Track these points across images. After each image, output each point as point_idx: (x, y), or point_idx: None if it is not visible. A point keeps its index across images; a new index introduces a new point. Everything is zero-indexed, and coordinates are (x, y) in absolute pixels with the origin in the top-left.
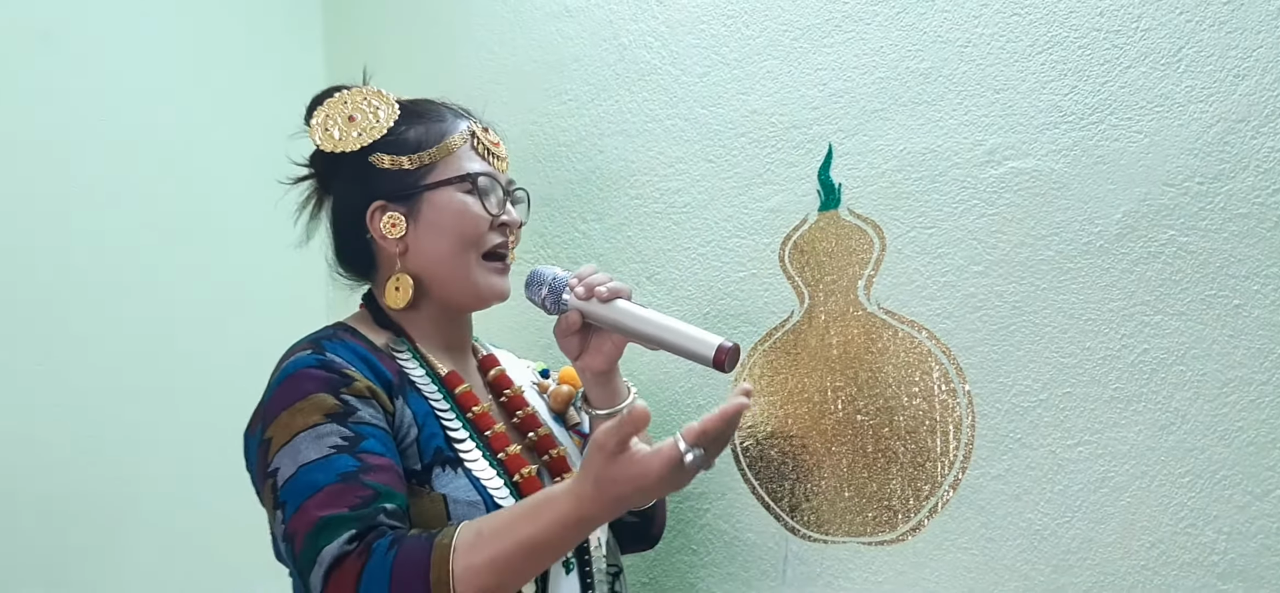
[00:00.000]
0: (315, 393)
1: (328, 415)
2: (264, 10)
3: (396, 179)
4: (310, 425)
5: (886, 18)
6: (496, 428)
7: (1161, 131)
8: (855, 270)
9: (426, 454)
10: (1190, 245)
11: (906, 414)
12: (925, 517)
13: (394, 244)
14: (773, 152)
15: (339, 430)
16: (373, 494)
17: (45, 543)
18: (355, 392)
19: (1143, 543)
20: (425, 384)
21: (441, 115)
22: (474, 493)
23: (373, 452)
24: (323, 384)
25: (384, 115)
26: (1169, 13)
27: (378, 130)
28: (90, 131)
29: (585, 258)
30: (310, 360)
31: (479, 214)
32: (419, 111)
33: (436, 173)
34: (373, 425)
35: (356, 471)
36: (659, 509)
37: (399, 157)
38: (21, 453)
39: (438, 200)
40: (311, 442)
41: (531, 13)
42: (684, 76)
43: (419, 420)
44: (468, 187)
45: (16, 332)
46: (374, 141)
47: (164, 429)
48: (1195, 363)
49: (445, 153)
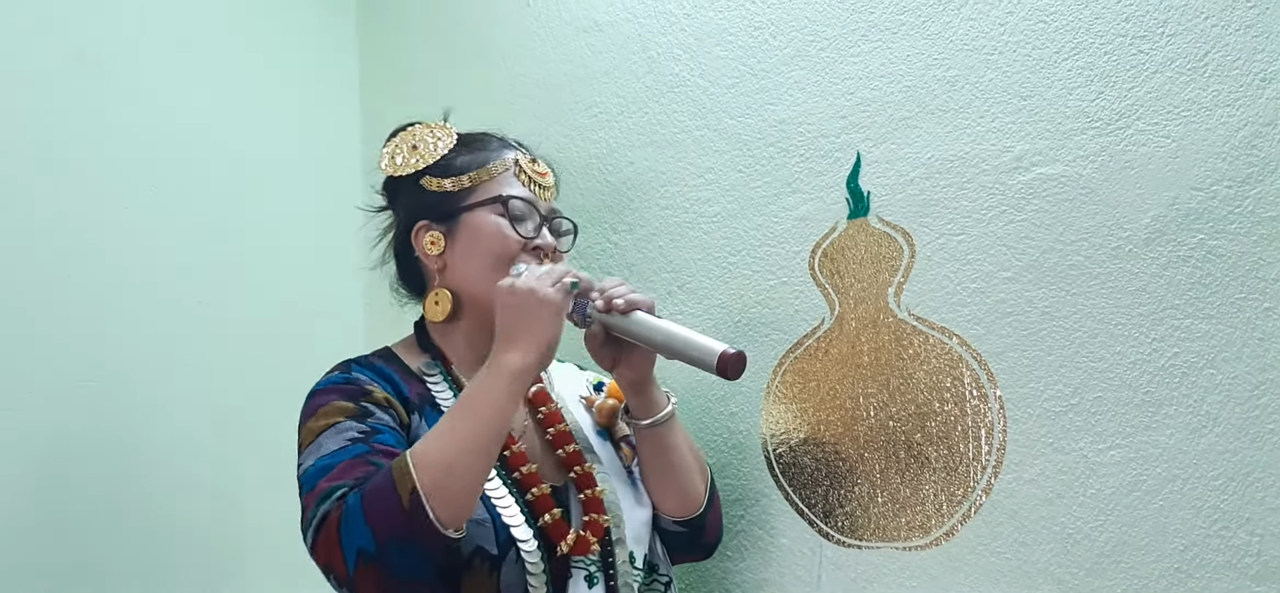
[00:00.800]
0: (337, 402)
1: (347, 416)
2: (299, 29)
3: (440, 200)
4: (331, 425)
5: (912, 26)
6: (517, 447)
7: (1189, 136)
8: (885, 277)
9: None
10: (1219, 249)
11: (938, 420)
12: (958, 522)
13: (434, 260)
14: (801, 160)
15: (356, 426)
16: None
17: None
18: (374, 401)
19: (1176, 546)
20: (448, 404)
21: (490, 144)
22: (483, 512)
23: (386, 444)
24: (343, 394)
25: (441, 145)
26: (1195, 18)
27: (431, 157)
28: (129, 152)
29: (617, 268)
30: (335, 379)
31: (510, 235)
32: (471, 141)
33: (475, 195)
34: (389, 426)
35: (366, 453)
36: (709, 516)
37: (444, 179)
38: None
39: (473, 221)
40: (332, 436)
41: (562, 27)
42: (713, 88)
43: None
44: (500, 209)
45: (61, 346)
46: (426, 167)
47: (207, 441)
48: (1226, 366)
49: (486, 177)
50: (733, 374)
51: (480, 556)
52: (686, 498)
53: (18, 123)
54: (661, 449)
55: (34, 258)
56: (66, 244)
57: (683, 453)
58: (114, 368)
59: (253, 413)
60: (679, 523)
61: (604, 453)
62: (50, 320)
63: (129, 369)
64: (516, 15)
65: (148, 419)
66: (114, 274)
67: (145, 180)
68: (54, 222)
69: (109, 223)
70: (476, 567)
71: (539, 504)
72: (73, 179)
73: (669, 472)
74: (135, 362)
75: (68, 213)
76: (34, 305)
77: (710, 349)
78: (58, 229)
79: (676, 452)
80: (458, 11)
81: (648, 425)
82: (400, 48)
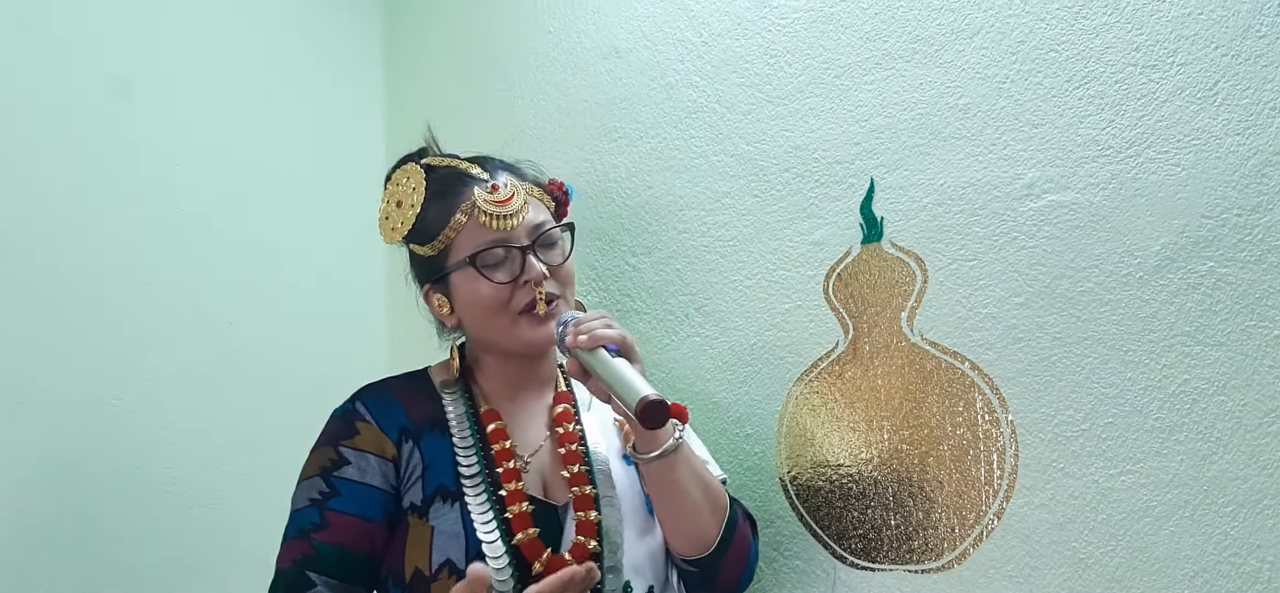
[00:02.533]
0: (323, 445)
1: (320, 469)
2: (327, 55)
3: (429, 265)
4: (308, 477)
5: (926, 55)
6: (510, 465)
7: (1199, 164)
8: (898, 302)
9: (428, 489)
10: (1229, 276)
11: (951, 444)
12: (970, 545)
13: (449, 319)
14: (816, 186)
15: (319, 485)
16: (314, 554)
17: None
18: (355, 445)
19: (1186, 572)
20: (459, 423)
21: (452, 189)
22: (458, 525)
23: (336, 509)
24: (331, 437)
25: (416, 197)
26: (1205, 47)
27: (409, 221)
28: (157, 170)
29: (634, 292)
30: (338, 412)
31: (492, 290)
32: (436, 188)
33: (451, 256)
34: (354, 482)
35: (311, 529)
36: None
37: (424, 245)
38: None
39: (458, 282)
40: (303, 491)
41: (583, 54)
42: (729, 114)
43: (427, 459)
44: (471, 270)
45: (91, 363)
46: (408, 232)
47: (232, 456)
48: (1236, 393)
49: (452, 235)
50: (650, 422)
51: (449, 568)
52: (694, 538)
53: (51, 142)
54: (665, 485)
55: (66, 275)
56: (97, 261)
57: (688, 490)
58: (143, 386)
59: (278, 431)
60: (688, 562)
61: (625, 477)
62: (82, 337)
63: (158, 387)
64: (538, 40)
65: (176, 437)
66: (144, 292)
67: (172, 197)
68: (85, 238)
69: (138, 240)
70: (444, 579)
71: (516, 522)
72: (102, 197)
73: (673, 509)
74: (164, 380)
75: (99, 230)
76: (65, 322)
77: (635, 392)
78: (89, 246)
79: (680, 488)
80: (480, 34)
81: (649, 459)
82: (424, 69)
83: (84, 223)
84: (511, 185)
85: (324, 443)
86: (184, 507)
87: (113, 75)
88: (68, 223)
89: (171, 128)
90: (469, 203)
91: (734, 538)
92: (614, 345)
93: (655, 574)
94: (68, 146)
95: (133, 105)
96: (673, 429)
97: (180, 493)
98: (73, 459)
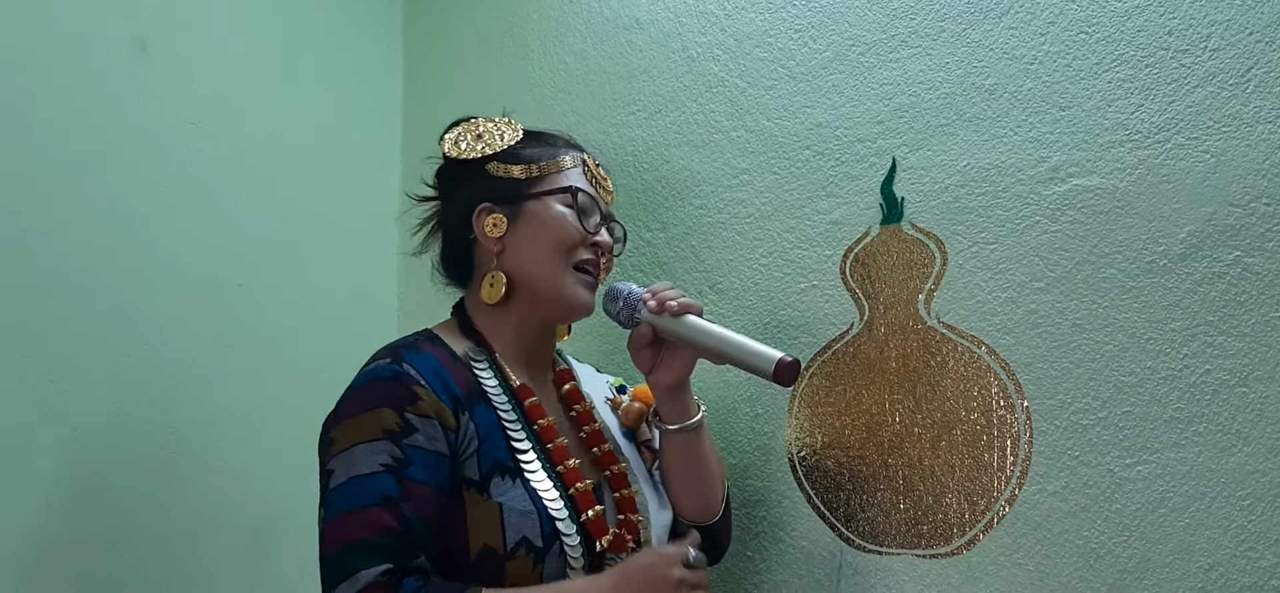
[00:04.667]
0: (380, 407)
1: (386, 432)
2: (346, 25)
3: (505, 186)
4: (368, 438)
5: (953, 34)
6: (560, 441)
7: (1228, 151)
8: (916, 284)
9: (485, 464)
10: (1256, 266)
11: (964, 428)
12: (981, 531)
13: (494, 243)
14: (837, 164)
15: (391, 450)
16: (406, 526)
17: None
18: (419, 411)
19: (1200, 565)
20: (496, 395)
21: (558, 142)
22: (528, 503)
23: (417, 480)
24: (389, 399)
25: (508, 136)
26: (1238, 33)
27: (498, 146)
28: (174, 136)
29: (649, 266)
30: (385, 371)
31: (574, 226)
32: (540, 136)
33: (542, 184)
34: (425, 450)
35: (397, 497)
36: (725, 524)
37: (511, 166)
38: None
39: (538, 208)
40: (366, 455)
41: (603, 24)
42: (751, 89)
43: (482, 433)
44: (568, 199)
45: (102, 325)
46: (494, 153)
47: (242, 422)
48: (1258, 385)
49: (555, 169)
50: (788, 381)
51: (525, 546)
52: (707, 504)
53: (68, 99)
54: (689, 455)
55: (79, 238)
56: (112, 225)
57: (708, 459)
58: (153, 347)
59: (288, 396)
60: (696, 527)
61: (630, 455)
62: (93, 299)
63: (168, 348)
64: (558, 9)
65: (185, 399)
66: (156, 255)
67: (189, 163)
68: (100, 203)
69: (152, 204)
70: (521, 557)
71: (582, 500)
72: (118, 161)
73: (694, 477)
74: (174, 341)
75: (113, 194)
76: (78, 284)
77: (767, 356)
78: (103, 210)
79: (702, 458)
80: (500, 2)
81: (677, 430)
82: (443, 36)
83: (96, 179)
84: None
85: (378, 404)
86: (186, 466)
87: (130, 33)
88: (80, 178)
89: (188, 88)
90: (578, 157)
91: (730, 502)
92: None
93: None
94: (84, 103)
95: (150, 64)
96: (699, 404)
97: (183, 452)
98: (78, 417)
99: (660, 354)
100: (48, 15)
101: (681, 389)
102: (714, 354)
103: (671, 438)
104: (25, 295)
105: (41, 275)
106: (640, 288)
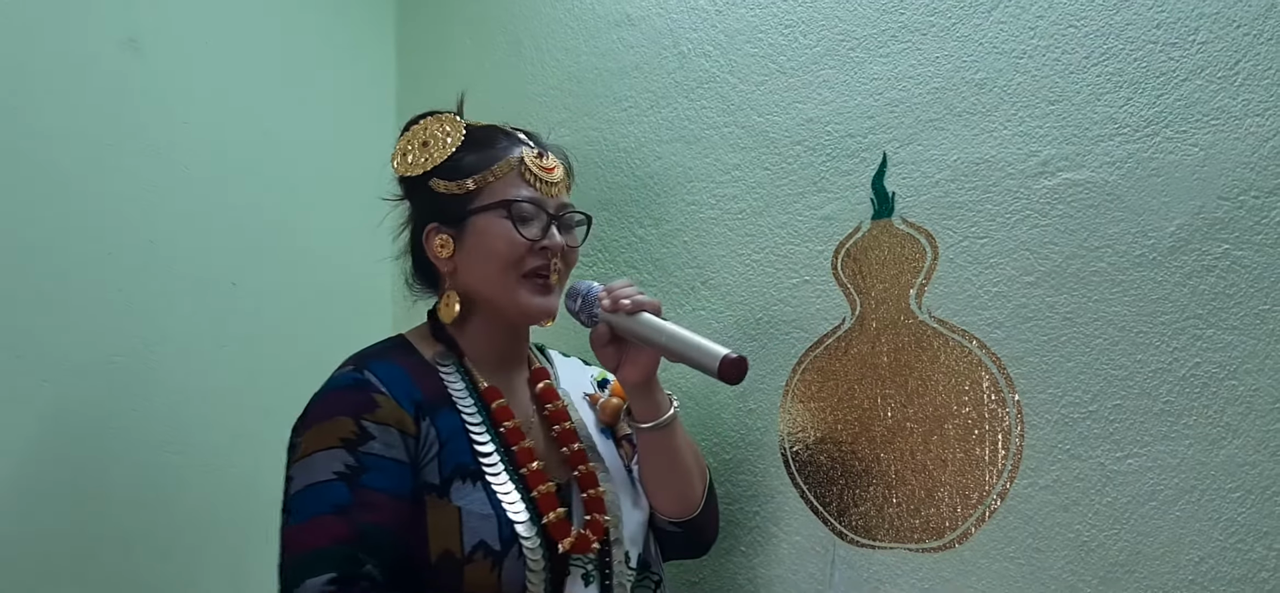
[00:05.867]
0: (339, 415)
1: (342, 440)
2: (339, 21)
3: (448, 203)
4: (325, 446)
5: (942, 28)
6: (525, 443)
7: (1217, 145)
8: (907, 279)
9: (446, 468)
10: (1244, 260)
11: (955, 423)
12: (973, 525)
13: (445, 263)
14: (827, 160)
15: (345, 458)
16: (358, 535)
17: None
18: (377, 418)
19: (1191, 558)
20: (462, 398)
21: (496, 142)
22: (487, 506)
23: (371, 487)
24: (348, 407)
25: (450, 142)
26: (1226, 26)
27: (440, 155)
28: (165, 133)
29: (641, 263)
30: (346, 380)
31: (514, 239)
32: (479, 138)
33: (481, 199)
34: (382, 457)
35: (348, 505)
36: (707, 519)
37: (451, 182)
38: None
39: (479, 225)
40: (322, 463)
41: (595, 21)
42: (742, 85)
43: (444, 437)
44: (505, 213)
45: (95, 323)
46: (434, 168)
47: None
48: (1248, 378)
49: (491, 180)
50: (733, 379)
51: (483, 550)
52: (684, 500)
53: (59, 97)
54: (662, 451)
55: (71, 237)
56: (104, 224)
57: (683, 455)
58: (146, 347)
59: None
60: (675, 524)
61: (606, 451)
62: (87, 299)
63: (161, 349)
64: (550, 6)
65: (179, 398)
66: (148, 254)
67: (180, 155)
68: (91, 202)
69: (143, 204)
70: (479, 561)
71: (543, 502)
72: (110, 160)
73: (668, 474)
74: (167, 342)
75: (105, 194)
76: (70, 284)
77: (712, 352)
78: (95, 209)
79: (677, 454)
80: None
81: (649, 428)
82: (436, 33)
83: (90, 178)
84: (555, 160)
85: (337, 412)
86: (182, 467)
87: (122, 31)
88: (73, 178)
89: (180, 86)
90: (515, 157)
91: (712, 498)
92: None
93: (642, 543)
94: (75, 102)
95: (141, 62)
96: (670, 399)
97: (179, 453)
98: (72, 417)
99: (625, 352)
100: (38, 13)
101: (649, 386)
102: (666, 352)
103: (645, 435)
104: (17, 295)
105: (34, 276)
106: (599, 286)
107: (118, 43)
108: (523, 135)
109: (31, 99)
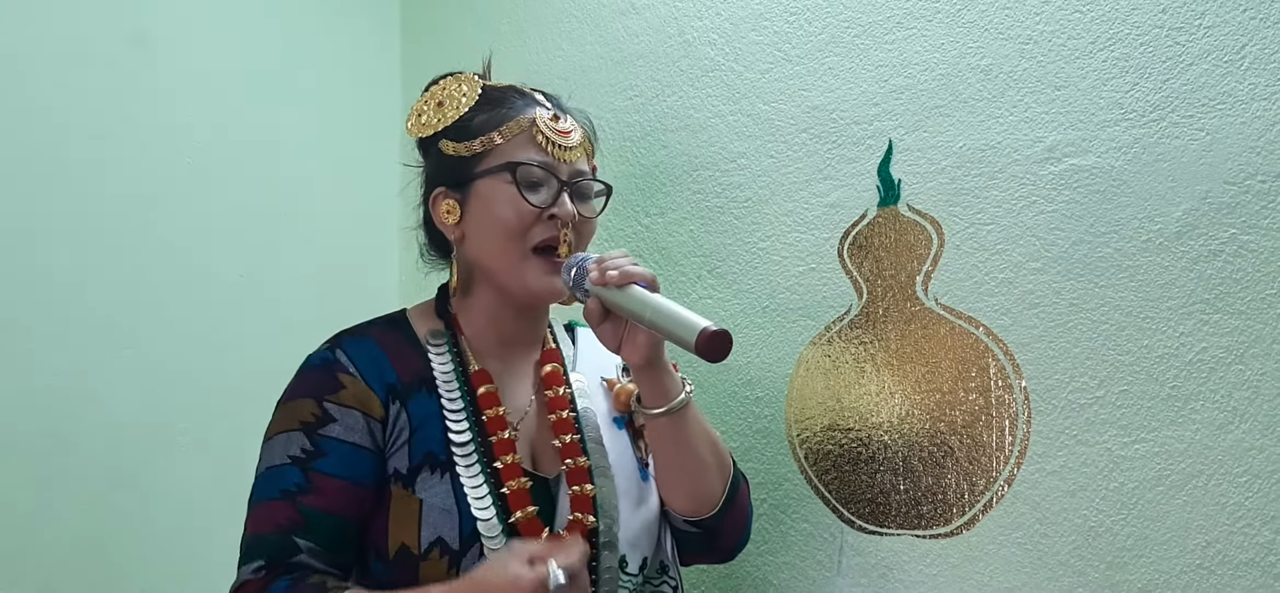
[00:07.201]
0: (303, 397)
1: (302, 423)
2: (344, 9)
3: (455, 166)
4: (286, 429)
5: (948, 14)
6: (505, 434)
7: (1224, 129)
8: (914, 266)
9: (416, 456)
10: (1251, 244)
11: (963, 409)
12: (980, 511)
13: (451, 230)
14: (833, 147)
15: (302, 441)
16: (303, 521)
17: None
18: (340, 400)
19: (1198, 542)
20: (447, 381)
21: (510, 102)
22: (451, 500)
23: (325, 473)
24: (312, 388)
25: (464, 102)
26: (1233, 10)
27: (453, 116)
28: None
29: (647, 252)
30: (316, 360)
31: (521, 206)
32: (494, 98)
33: (487, 160)
34: (341, 442)
35: (297, 491)
36: (727, 522)
37: (459, 143)
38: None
39: (484, 189)
40: (281, 446)
41: (599, 9)
42: (747, 73)
43: (415, 423)
44: (509, 177)
45: (105, 320)
46: (445, 128)
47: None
48: (1254, 362)
49: (498, 140)
50: (714, 356)
51: (440, 547)
52: (699, 497)
53: (65, 89)
54: (673, 442)
55: (78, 231)
56: (110, 218)
57: (697, 447)
58: (154, 340)
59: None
60: (691, 523)
61: (617, 444)
62: (94, 293)
63: (169, 342)
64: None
65: (187, 391)
66: (155, 247)
67: (184, 146)
68: (98, 196)
69: (149, 197)
70: (435, 559)
71: (513, 499)
72: (116, 153)
73: (680, 467)
74: (175, 334)
75: (111, 187)
76: (77, 279)
77: (690, 324)
78: (101, 203)
79: (689, 445)
80: None
81: (658, 414)
82: (441, 22)
83: (95, 170)
84: (573, 124)
85: (301, 394)
86: (192, 456)
87: (127, 22)
88: (79, 169)
89: (185, 77)
90: (527, 118)
91: (737, 498)
92: (644, 282)
93: (649, 545)
94: (81, 93)
95: (146, 53)
96: (683, 384)
97: (189, 444)
98: (78, 409)
99: (622, 331)
100: (45, 8)
101: (655, 368)
102: (649, 325)
103: (654, 423)
104: (25, 290)
105: (41, 271)
106: (593, 257)
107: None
108: (541, 96)
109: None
